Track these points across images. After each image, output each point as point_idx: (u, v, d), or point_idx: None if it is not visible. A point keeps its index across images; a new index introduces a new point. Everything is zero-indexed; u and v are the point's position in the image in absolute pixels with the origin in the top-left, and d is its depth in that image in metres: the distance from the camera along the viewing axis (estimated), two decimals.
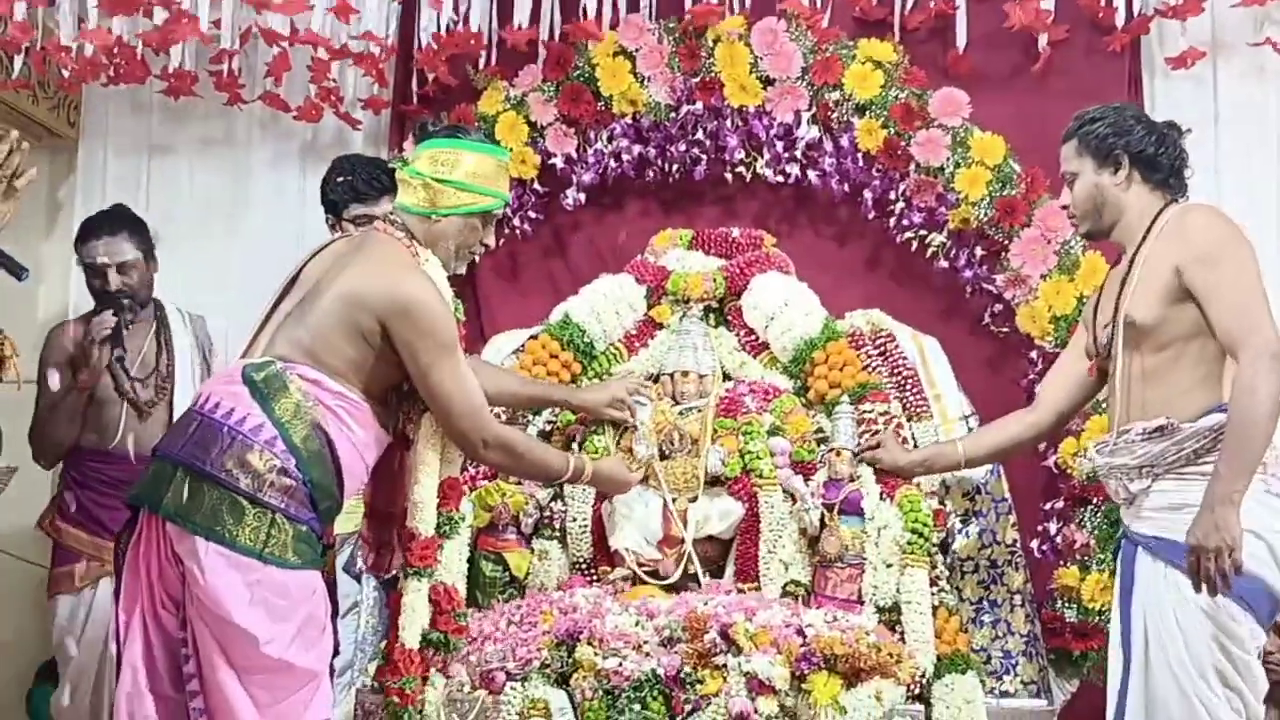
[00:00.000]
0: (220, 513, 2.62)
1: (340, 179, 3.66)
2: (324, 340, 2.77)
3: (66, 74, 4.09)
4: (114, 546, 2.82)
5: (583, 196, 4.13)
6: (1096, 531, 3.68)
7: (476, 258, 3.13)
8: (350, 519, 3.64)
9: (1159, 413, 2.88)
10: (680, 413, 3.52)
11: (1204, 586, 2.72)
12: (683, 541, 3.38)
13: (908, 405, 3.54)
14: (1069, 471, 3.72)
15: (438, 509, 2.97)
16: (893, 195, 3.94)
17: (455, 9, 4.00)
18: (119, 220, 3.89)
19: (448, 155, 2.91)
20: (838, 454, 3.36)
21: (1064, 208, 3.17)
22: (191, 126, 4.62)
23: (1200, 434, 2.83)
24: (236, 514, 2.62)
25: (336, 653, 3.61)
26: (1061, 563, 3.73)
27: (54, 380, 3.71)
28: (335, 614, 3.11)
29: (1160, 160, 3.00)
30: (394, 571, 3.03)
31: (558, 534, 3.48)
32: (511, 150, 4.05)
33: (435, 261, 2.91)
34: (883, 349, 3.63)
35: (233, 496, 2.63)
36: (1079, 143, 3.05)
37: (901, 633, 3.17)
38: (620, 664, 2.92)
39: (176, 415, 3.71)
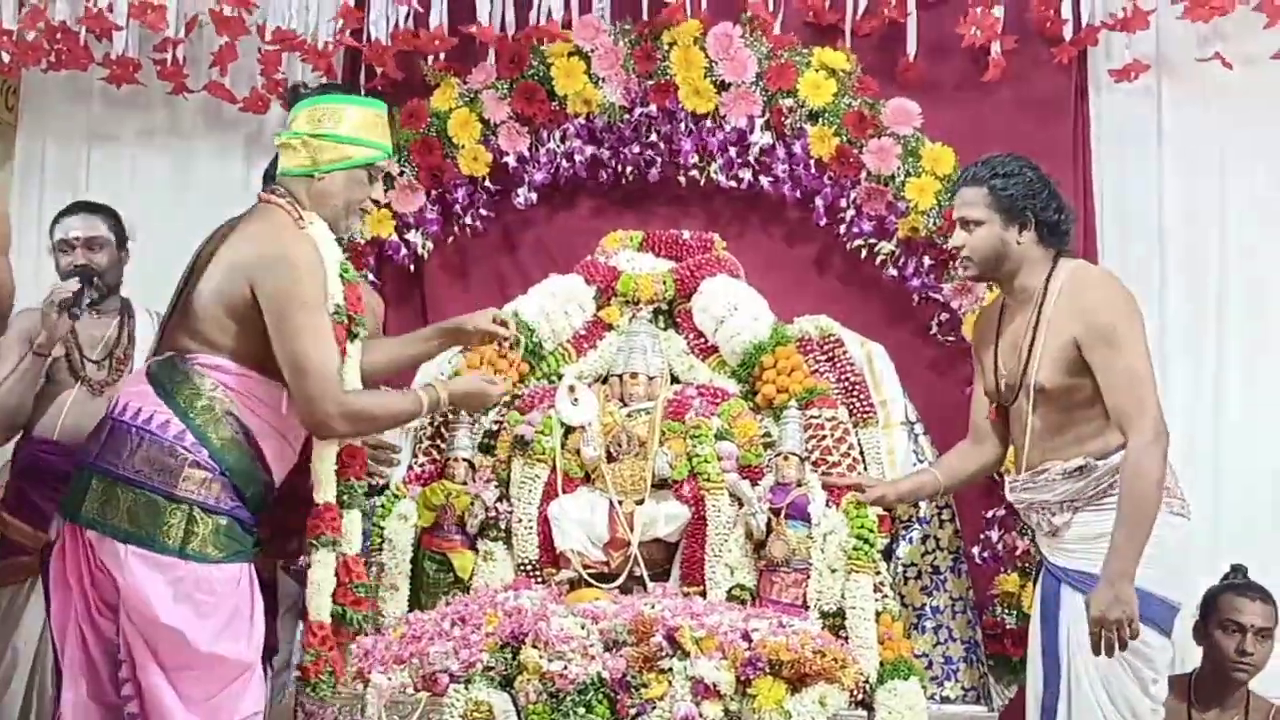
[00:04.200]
0: (137, 514, 2.63)
1: None
2: (215, 322, 2.76)
3: (6, 58, 4.01)
4: (39, 561, 2.83)
5: (534, 196, 4.11)
6: (1034, 540, 3.71)
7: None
8: None
9: (1071, 454, 3.08)
10: (628, 415, 3.51)
11: (1102, 651, 2.94)
12: (629, 544, 3.37)
13: (854, 411, 3.56)
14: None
15: (338, 477, 2.90)
16: (843, 203, 3.96)
17: (410, 4, 3.97)
18: (95, 205, 3.90)
19: (325, 111, 2.88)
20: (785, 458, 3.37)
21: (956, 248, 3.24)
22: (134, 115, 4.54)
23: (1114, 469, 3.03)
24: (153, 513, 2.64)
25: (275, 651, 3.59)
26: (1002, 569, 3.76)
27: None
28: (275, 613, 3.07)
29: (1060, 225, 3.18)
30: (301, 561, 2.98)
31: (503, 535, 3.45)
32: (464, 148, 4.03)
33: (320, 223, 2.87)
34: (831, 354, 3.65)
35: (148, 496, 2.64)
36: (989, 194, 3.16)
37: (845, 638, 3.18)
38: (565, 667, 2.90)
39: None
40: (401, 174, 4.07)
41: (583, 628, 3.01)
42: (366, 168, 2.92)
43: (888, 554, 3.45)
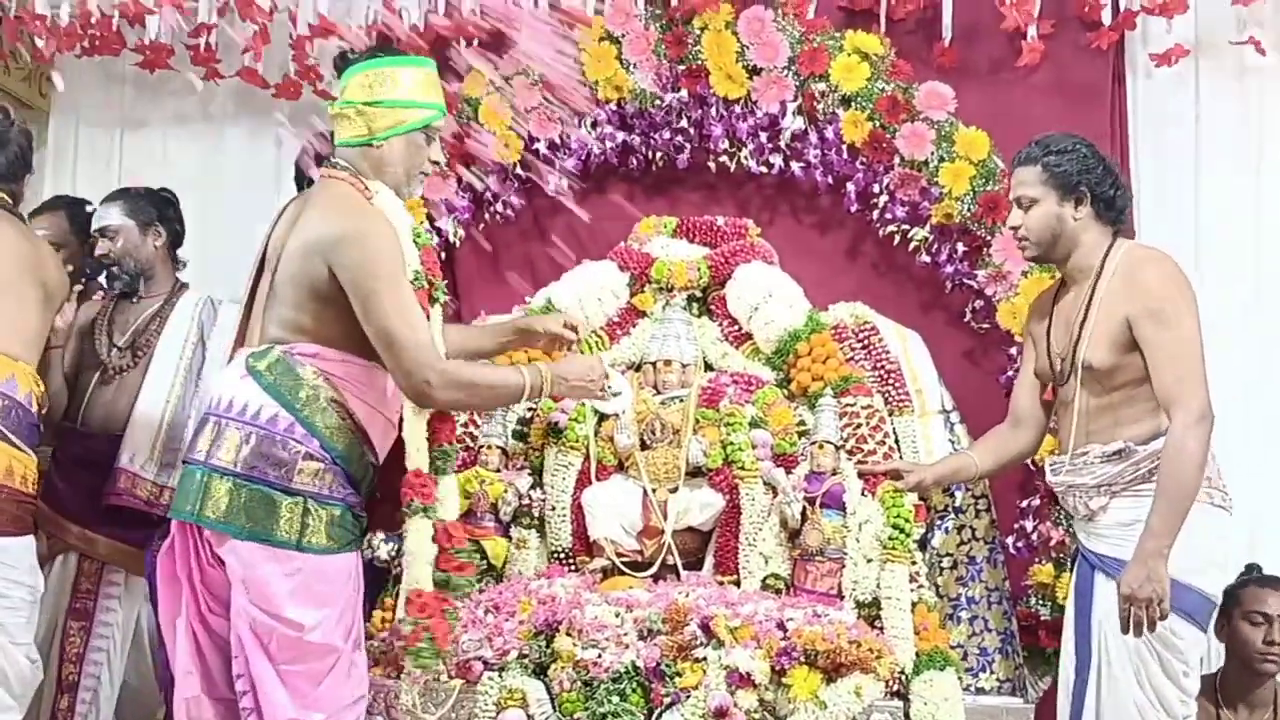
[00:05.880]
0: (254, 510, 2.62)
1: (317, 153, 3.60)
2: (303, 308, 2.72)
3: (41, 44, 4.02)
4: (144, 556, 2.87)
5: (565, 182, 4.09)
6: (1070, 528, 3.69)
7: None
8: None
9: (1113, 437, 3.05)
10: (662, 402, 3.50)
11: (1130, 629, 2.90)
12: (662, 532, 3.36)
13: (890, 399, 3.54)
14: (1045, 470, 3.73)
15: (430, 444, 2.84)
16: (876, 188, 3.93)
17: None
18: (118, 192, 3.89)
19: (375, 76, 2.81)
20: (820, 447, 3.35)
21: (1013, 229, 3.22)
22: (166, 101, 4.57)
23: (1154, 455, 2.99)
24: (268, 507, 2.62)
25: None
26: (1037, 560, 3.74)
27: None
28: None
29: (1116, 201, 3.14)
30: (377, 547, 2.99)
31: (536, 522, 3.45)
32: (495, 134, 4.01)
33: (387, 192, 2.82)
34: (866, 342, 3.63)
35: (264, 491, 2.63)
36: (1044, 171, 3.13)
37: (881, 628, 3.16)
38: (599, 655, 2.91)
39: (145, 389, 3.68)
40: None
41: (617, 616, 3.01)
42: (424, 129, 2.86)
43: (923, 544, 3.42)
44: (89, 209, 3.90)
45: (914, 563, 3.29)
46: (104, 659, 3.64)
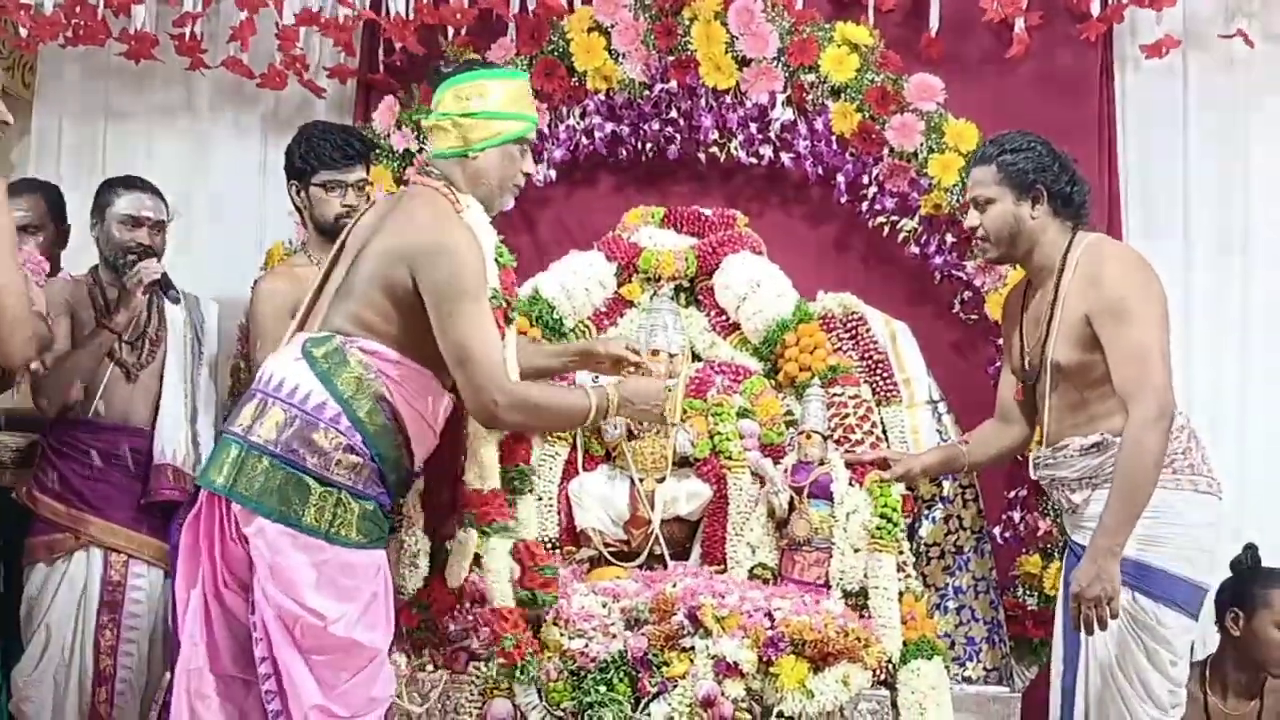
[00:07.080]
0: (287, 492, 2.58)
1: (309, 145, 3.57)
2: (375, 307, 2.71)
3: (24, 33, 3.98)
4: (165, 546, 2.88)
5: (553, 173, 4.08)
6: (1059, 520, 3.69)
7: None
8: None
9: (1091, 429, 3.04)
10: None
11: (1082, 627, 2.91)
12: (649, 522, 3.35)
13: (877, 389, 3.54)
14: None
15: (503, 464, 2.84)
16: (866, 179, 3.92)
17: None
18: (147, 183, 3.81)
19: (470, 88, 2.83)
20: (807, 437, 3.35)
21: (971, 229, 3.22)
22: (150, 92, 4.52)
23: None
24: (302, 493, 2.58)
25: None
26: (1024, 550, 3.74)
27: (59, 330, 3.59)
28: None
29: (1074, 198, 3.14)
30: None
31: None
32: None
33: (476, 207, 2.82)
34: (854, 332, 3.63)
35: (299, 476, 2.59)
36: (998, 170, 3.14)
37: (868, 617, 3.16)
38: (586, 645, 2.90)
39: (166, 386, 3.69)
40: (421, 150, 4.04)
41: (604, 606, 3.00)
42: (518, 142, 2.87)
43: (910, 533, 3.43)
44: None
45: (901, 552, 3.28)
46: (135, 649, 3.63)
